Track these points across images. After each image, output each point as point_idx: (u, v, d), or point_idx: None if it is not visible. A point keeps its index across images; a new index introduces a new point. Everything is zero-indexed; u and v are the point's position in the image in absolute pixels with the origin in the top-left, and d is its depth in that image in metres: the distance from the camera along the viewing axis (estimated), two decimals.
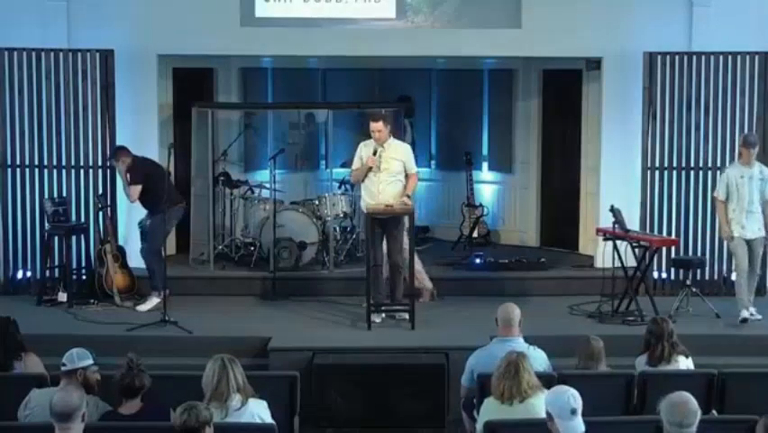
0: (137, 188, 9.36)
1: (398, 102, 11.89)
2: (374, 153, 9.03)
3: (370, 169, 9.07)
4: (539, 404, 5.54)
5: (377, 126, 9.05)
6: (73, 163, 10.10)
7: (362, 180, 9.21)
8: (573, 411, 4.81)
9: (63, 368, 5.88)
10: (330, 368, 7.95)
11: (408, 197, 9.02)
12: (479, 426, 5.65)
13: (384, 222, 9.03)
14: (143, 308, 9.42)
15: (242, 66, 11.99)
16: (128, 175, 9.35)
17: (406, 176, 9.14)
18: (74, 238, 9.89)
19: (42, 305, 9.57)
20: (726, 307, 9.30)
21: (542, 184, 12.17)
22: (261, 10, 10.44)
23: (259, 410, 5.63)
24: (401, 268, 9.03)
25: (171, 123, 11.22)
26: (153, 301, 9.42)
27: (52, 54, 10.03)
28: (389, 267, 9.15)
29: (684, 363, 6.68)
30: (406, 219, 8.96)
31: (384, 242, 9.09)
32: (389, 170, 9.07)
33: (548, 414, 4.88)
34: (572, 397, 4.85)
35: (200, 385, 5.68)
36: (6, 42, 10.03)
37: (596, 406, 5.01)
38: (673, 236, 10.10)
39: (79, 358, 5.87)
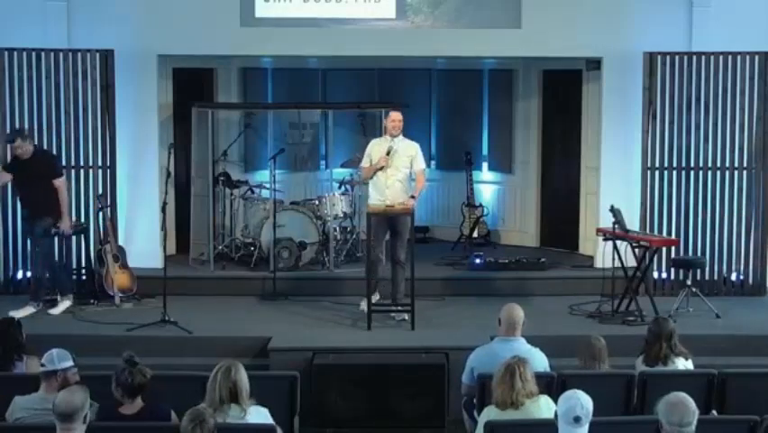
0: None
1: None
2: (387, 153, 9.07)
3: (381, 168, 9.11)
4: (536, 410, 5.54)
5: (398, 116, 9.17)
6: (73, 163, 10.09)
7: (371, 178, 9.27)
8: (576, 419, 4.79)
9: (42, 369, 5.80)
10: (330, 368, 7.94)
11: (413, 197, 9.07)
12: (478, 429, 5.64)
13: (393, 218, 9.07)
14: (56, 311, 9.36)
15: (242, 66, 11.98)
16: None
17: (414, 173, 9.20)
18: (74, 238, 9.88)
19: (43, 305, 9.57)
20: (727, 307, 9.29)
21: (542, 184, 12.17)
22: (261, 10, 10.44)
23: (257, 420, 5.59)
24: (404, 264, 9.06)
25: (171, 123, 11.21)
26: (66, 304, 9.44)
27: (52, 54, 10.02)
28: (392, 264, 9.19)
29: (683, 365, 6.66)
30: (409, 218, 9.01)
31: (387, 238, 9.13)
32: (398, 166, 9.15)
33: (555, 413, 4.90)
34: (580, 405, 4.82)
35: (200, 385, 5.67)
36: (6, 42, 10.02)
37: (596, 406, 5.00)
38: (673, 236, 10.10)
39: (60, 359, 5.80)
